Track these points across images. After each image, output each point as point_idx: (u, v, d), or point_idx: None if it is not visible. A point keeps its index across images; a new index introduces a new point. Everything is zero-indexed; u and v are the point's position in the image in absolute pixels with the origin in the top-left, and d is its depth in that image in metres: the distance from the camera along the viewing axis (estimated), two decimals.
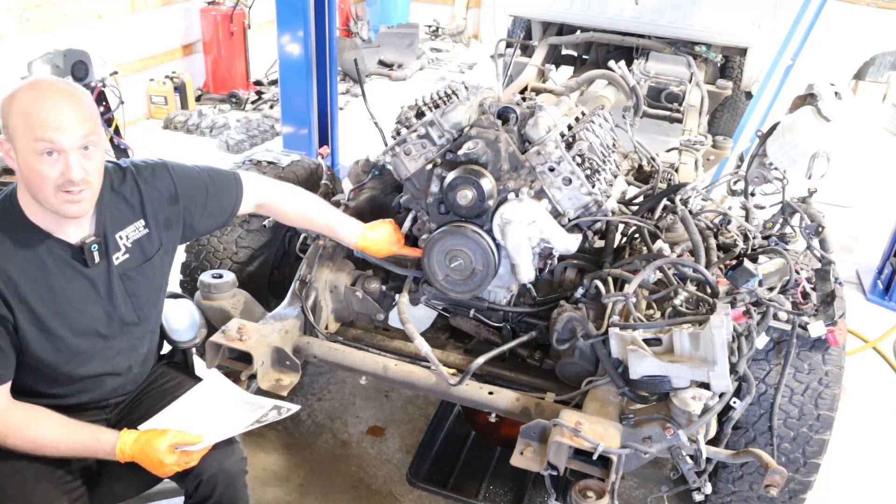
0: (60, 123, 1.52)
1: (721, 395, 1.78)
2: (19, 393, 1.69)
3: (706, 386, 1.77)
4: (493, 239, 2.10)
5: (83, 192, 1.58)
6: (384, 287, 2.39)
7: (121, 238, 1.75)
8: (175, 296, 2.19)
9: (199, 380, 1.98)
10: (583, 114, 2.47)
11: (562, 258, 2.28)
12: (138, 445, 1.67)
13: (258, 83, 7.00)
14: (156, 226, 1.82)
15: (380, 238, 2.23)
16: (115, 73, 4.48)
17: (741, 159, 2.66)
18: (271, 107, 6.57)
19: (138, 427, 1.73)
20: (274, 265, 2.74)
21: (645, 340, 1.83)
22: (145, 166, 1.84)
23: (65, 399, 1.78)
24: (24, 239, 1.62)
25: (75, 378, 1.76)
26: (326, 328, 2.38)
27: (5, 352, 1.62)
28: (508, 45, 5.69)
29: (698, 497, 1.93)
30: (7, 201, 1.64)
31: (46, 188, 1.54)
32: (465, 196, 2.04)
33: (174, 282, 2.65)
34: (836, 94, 2.38)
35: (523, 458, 1.84)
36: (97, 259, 1.70)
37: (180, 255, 2.65)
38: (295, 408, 1.84)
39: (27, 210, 1.62)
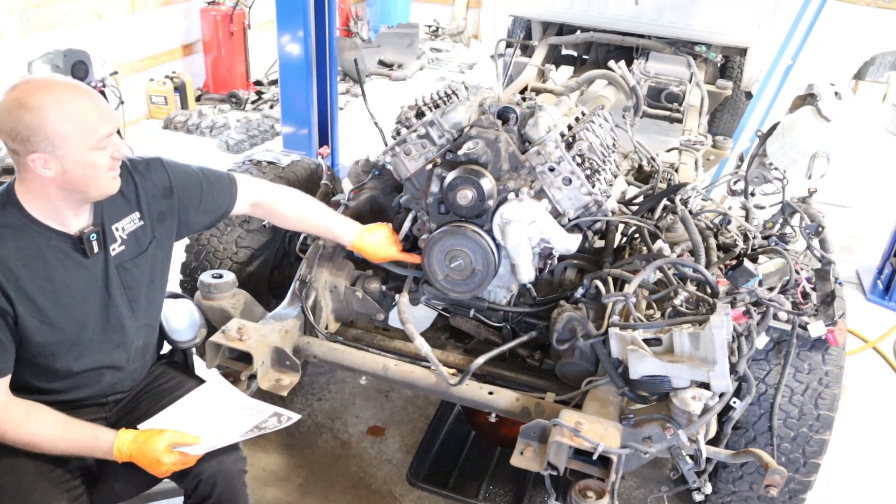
0: (104, 114, 1.61)
1: (721, 395, 1.78)
2: (18, 389, 1.69)
3: (706, 386, 1.77)
4: (493, 239, 2.10)
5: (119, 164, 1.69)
6: (384, 287, 2.39)
7: (117, 230, 1.77)
8: (175, 296, 2.19)
9: (199, 380, 1.99)
10: (583, 114, 2.47)
11: (562, 258, 2.28)
12: (136, 445, 1.67)
13: (258, 83, 7.00)
14: (150, 218, 1.84)
15: (377, 240, 2.23)
16: (115, 73, 4.49)
17: (741, 159, 2.66)
18: (271, 107, 6.57)
19: (137, 427, 1.74)
20: (274, 265, 2.74)
21: (645, 340, 1.83)
22: (140, 161, 1.86)
23: (64, 394, 1.78)
24: (23, 232, 1.63)
25: (74, 371, 1.76)
26: (326, 328, 2.38)
27: (5, 345, 1.63)
28: (508, 45, 5.69)
29: (698, 497, 1.93)
30: (4, 197, 1.65)
31: (100, 176, 1.63)
32: (465, 196, 2.04)
33: (174, 282, 2.66)
34: (836, 94, 2.38)
35: (523, 458, 1.84)
36: (96, 249, 1.71)
37: (180, 255, 2.66)
38: (295, 417, 1.83)
39: (26, 204, 1.63)
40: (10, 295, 1.60)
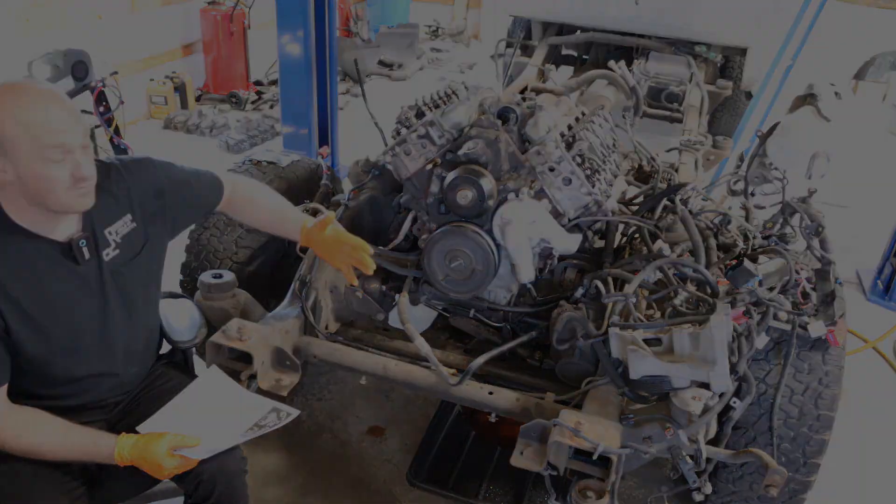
0: (64, 125, 1.53)
1: (721, 395, 1.78)
2: (19, 396, 1.67)
3: (706, 386, 1.77)
4: (493, 239, 2.10)
5: (90, 184, 1.61)
6: (384, 287, 2.39)
7: (110, 234, 1.74)
8: (175, 296, 2.19)
9: None
10: (583, 114, 2.47)
11: (562, 258, 2.28)
12: (137, 450, 1.66)
13: (258, 83, 7.00)
14: (142, 220, 1.81)
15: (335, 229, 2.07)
16: (115, 73, 4.47)
17: (741, 159, 2.66)
18: (271, 107, 6.56)
19: (137, 427, 1.73)
20: (274, 265, 2.74)
21: (645, 340, 1.83)
22: (131, 161, 1.83)
23: (65, 400, 1.77)
24: (10, 242, 1.60)
25: (73, 378, 1.75)
26: (326, 328, 2.38)
27: None
28: (508, 45, 5.68)
29: (698, 497, 1.93)
30: None
31: (58, 190, 1.56)
32: (465, 196, 2.04)
33: (175, 282, 2.66)
34: (836, 94, 2.38)
35: (523, 458, 1.84)
36: (87, 256, 1.69)
37: (180, 254, 2.66)
38: (294, 412, 1.83)
39: (11, 213, 1.61)
40: None
